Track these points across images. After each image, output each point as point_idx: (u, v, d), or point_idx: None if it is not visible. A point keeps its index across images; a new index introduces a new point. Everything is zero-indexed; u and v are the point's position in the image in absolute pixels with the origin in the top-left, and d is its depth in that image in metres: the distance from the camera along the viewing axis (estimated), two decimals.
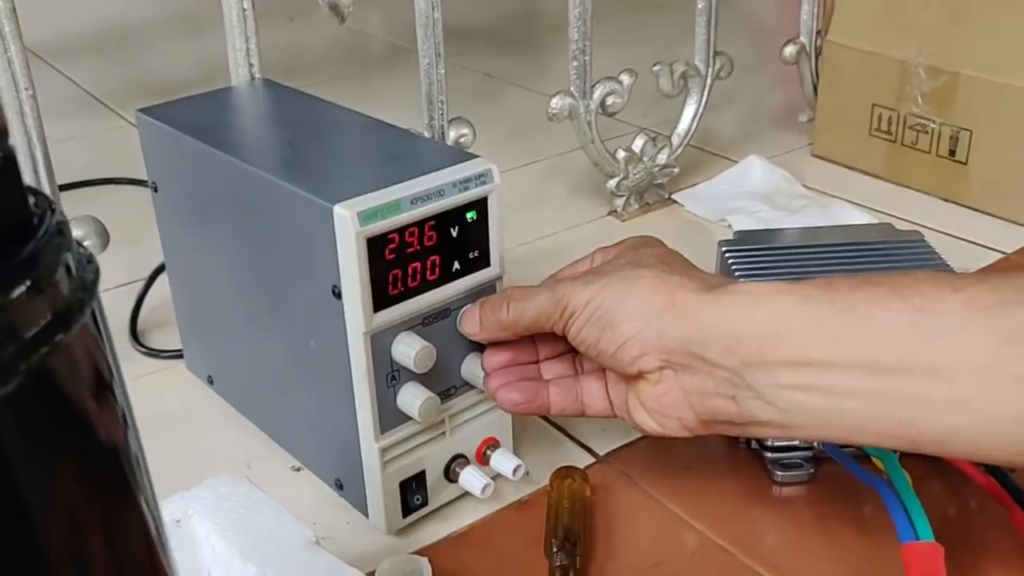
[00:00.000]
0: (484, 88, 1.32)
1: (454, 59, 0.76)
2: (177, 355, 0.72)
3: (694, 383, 0.47)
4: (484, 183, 0.53)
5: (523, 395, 0.53)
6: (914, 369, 0.42)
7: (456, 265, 0.53)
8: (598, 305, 0.49)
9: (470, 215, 0.53)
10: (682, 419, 0.49)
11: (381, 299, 0.50)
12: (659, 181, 0.96)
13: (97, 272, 0.26)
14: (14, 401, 0.22)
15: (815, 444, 0.58)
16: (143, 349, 0.74)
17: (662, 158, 0.94)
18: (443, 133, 0.78)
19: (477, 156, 0.54)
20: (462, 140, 0.79)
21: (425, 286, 0.52)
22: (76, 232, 0.68)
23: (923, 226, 0.85)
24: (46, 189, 0.68)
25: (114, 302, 0.78)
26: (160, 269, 0.76)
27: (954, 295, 0.42)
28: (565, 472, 0.57)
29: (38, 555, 0.25)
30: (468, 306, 0.54)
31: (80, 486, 0.26)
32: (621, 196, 0.94)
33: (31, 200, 0.25)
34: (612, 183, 0.92)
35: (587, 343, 0.50)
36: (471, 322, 0.53)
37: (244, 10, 0.69)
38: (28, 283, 0.23)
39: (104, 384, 0.27)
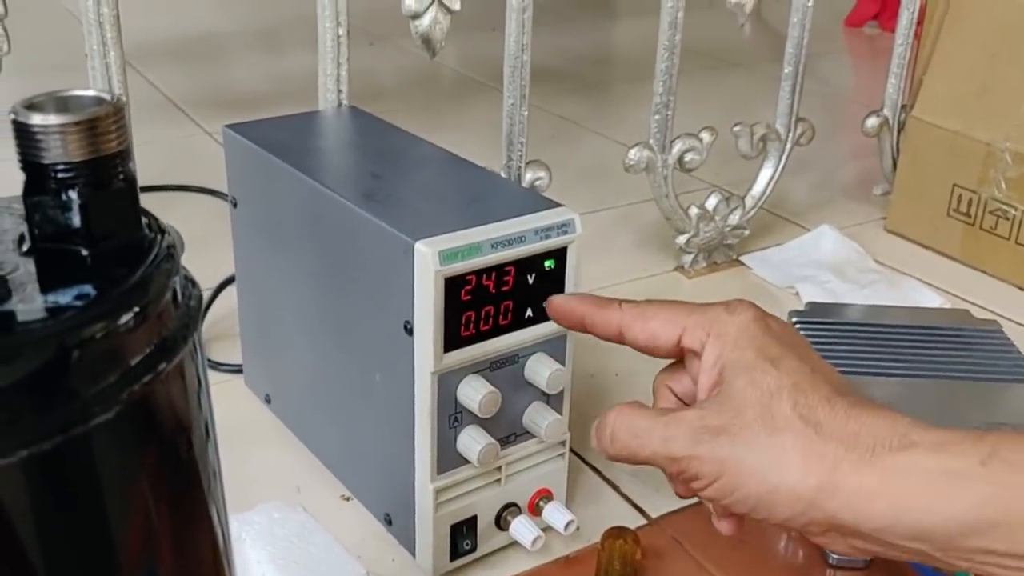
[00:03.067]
0: (557, 130, 1.32)
1: (530, 99, 0.76)
2: (236, 370, 0.72)
3: (868, 549, 0.41)
4: (566, 232, 0.52)
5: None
6: None
7: (528, 312, 0.52)
8: (738, 485, 0.41)
9: (548, 263, 0.52)
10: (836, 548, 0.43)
11: (452, 340, 0.50)
12: (729, 241, 0.95)
13: (200, 300, 0.26)
14: (112, 427, 0.22)
15: None
16: None
17: (734, 219, 0.93)
18: (520, 175, 0.78)
19: (560, 204, 0.54)
20: (538, 183, 0.78)
21: (496, 330, 0.51)
22: None
23: (996, 313, 0.83)
24: None
25: None
26: (227, 281, 0.77)
27: None
28: (617, 532, 0.56)
29: (113, 560, 0.25)
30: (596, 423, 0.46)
31: (159, 497, 0.26)
32: (689, 253, 0.93)
33: (144, 221, 0.25)
34: (682, 239, 0.92)
35: (734, 511, 0.43)
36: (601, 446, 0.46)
37: (339, 36, 0.69)
38: (136, 310, 0.23)
39: (195, 400, 0.27)
